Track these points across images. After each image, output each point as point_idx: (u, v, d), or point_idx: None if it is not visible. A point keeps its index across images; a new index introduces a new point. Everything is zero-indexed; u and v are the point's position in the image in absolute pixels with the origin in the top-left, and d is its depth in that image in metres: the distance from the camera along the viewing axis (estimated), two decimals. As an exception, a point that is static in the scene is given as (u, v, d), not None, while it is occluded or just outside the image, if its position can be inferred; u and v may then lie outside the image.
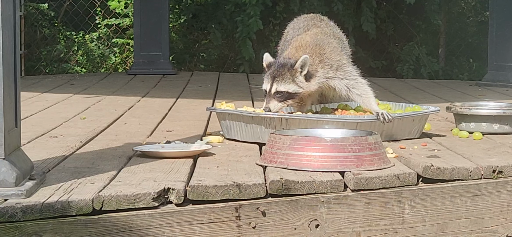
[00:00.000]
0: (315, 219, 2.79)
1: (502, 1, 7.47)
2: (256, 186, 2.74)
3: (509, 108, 4.05)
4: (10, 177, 2.60)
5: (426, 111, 3.90)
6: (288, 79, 3.83)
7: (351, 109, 4.08)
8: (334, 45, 4.01)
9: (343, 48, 4.14)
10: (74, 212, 2.53)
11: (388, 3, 10.39)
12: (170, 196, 2.66)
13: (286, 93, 3.83)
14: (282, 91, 3.82)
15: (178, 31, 10.79)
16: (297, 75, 3.83)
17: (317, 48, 3.93)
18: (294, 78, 3.84)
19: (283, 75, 3.82)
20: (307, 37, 4.01)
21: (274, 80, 3.82)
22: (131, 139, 3.88)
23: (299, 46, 3.95)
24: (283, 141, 3.06)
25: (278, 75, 3.83)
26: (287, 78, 3.82)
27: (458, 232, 2.96)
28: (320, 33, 4.09)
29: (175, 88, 7.04)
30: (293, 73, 3.83)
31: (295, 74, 3.83)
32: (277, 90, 3.82)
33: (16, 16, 2.71)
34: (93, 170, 3.02)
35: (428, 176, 2.97)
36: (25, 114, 4.83)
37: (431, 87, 7.43)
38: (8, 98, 2.64)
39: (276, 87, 3.82)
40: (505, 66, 7.37)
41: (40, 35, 10.30)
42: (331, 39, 4.07)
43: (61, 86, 7.31)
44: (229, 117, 3.81)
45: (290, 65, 3.83)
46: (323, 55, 3.92)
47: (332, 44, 4.00)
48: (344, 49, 4.15)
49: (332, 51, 3.95)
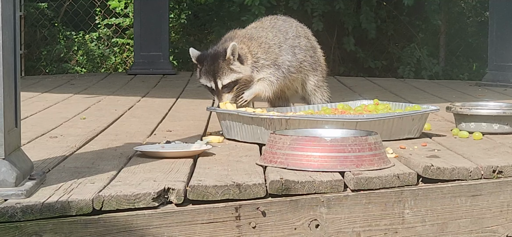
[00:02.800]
0: (315, 219, 2.79)
1: (502, 1, 7.46)
2: (256, 186, 2.74)
3: (509, 108, 4.05)
4: (10, 177, 2.60)
5: (426, 110, 3.90)
6: (226, 70, 3.92)
7: (351, 109, 4.08)
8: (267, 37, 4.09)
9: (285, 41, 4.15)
10: (74, 212, 2.53)
11: (388, 3, 10.39)
12: (170, 196, 2.66)
13: (231, 83, 3.94)
14: (227, 83, 3.92)
15: (178, 31, 10.79)
16: (232, 62, 3.93)
17: (245, 38, 4.05)
18: (231, 66, 3.93)
19: (221, 68, 3.92)
20: (239, 31, 4.16)
21: (216, 76, 3.92)
22: (131, 139, 3.88)
23: (228, 38, 4.08)
24: (283, 141, 3.06)
25: (217, 70, 3.92)
26: (225, 69, 3.92)
27: (458, 232, 2.96)
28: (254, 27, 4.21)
29: (175, 88, 7.04)
30: (228, 62, 3.92)
31: (230, 63, 3.93)
32: (223, 84, 3.92)
33: (16, 16, 2.71)
34: (93, 170, 3.02)
35: (428, 176, 2.97)
36: (25, 114, 4.83)
37: (431, 87, 7.43)
38: (8, 98, 2.64)
39: (221, 82, 3.92)
40: (505, 66, 7.37)
41: (40, 35, 10.30)
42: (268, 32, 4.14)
43: (61, 86, 7.31)
44: (229, 117, 3.81)
45: (222, 56, 3.93)
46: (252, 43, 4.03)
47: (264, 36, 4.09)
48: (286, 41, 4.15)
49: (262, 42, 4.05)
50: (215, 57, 3.94)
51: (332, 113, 3.95)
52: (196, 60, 4.00)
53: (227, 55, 3.91)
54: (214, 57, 3.95)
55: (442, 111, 4.21)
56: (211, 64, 3.94)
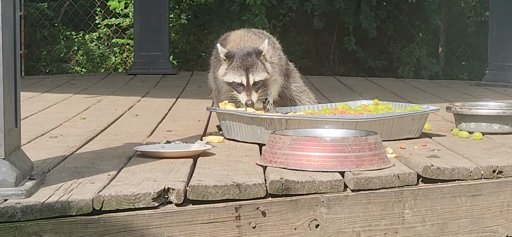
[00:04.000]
0: (315, 219, 2.79)
1: (502, 1, 7.46)
2: (256, 186, 2.74)
3: (509, 108, 4.05)
4: (10, 177, 2.60)
5: (426, 110, 3.90)
6: (260, 67, 3.82)
7: (351, 109, 4.08)
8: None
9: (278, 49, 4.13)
10: (74, 212, 2.53)
11: (388, 3, 10.39)
12: (170, 196, 2.66)
13: (260, 82, 3.83)
14: (258, 80, 3.81)
15: (178, 31, 10.79)
16: (264, 61, 3.84)
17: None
18: (264, 64, 3.84)
19: (255, 64, 3.80)
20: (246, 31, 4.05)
21: (249, 71, 3.80)
22: (131, 139, 3.88)
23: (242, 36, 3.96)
24: (283, 141, 3.06)
25: (251, 66, 3.80)
26: (259, 66, 3.82)
27: (458, 232, 2.96)
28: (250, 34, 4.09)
29: (175, 88, 7.04)
30: (262, 60, 3.83)
31: (264, 61, 3.84)
32: (255, 80, 3.80)
33: (16, 16, 2.72)
34: (93, 170, 3.02)
35: (428, 176, 2.97)
36: (25, 114, 4.83)
37: (431, 87, 7.43)
38: (8, 98, 2.64)
39: (253, 78, 3.80)
40: (505, 66, 7.37)
41: (40, 35, 10.30)
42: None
43: (61, 86, 7.31)
44: (229, 117, 3.81)
45: (257, 52, 3.82)
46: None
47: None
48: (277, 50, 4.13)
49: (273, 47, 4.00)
50: (249, 53, 3.82)
51: (332, 113, 3.95)
52: (225, 56, 3.85)
53: (264, 52, 3.82)
54: (249, 53, 3.82)
55: (442, 111, 4.21)
56: (244, 59, 3.81)
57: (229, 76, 3.84)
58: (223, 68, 3.87)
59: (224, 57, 3.84)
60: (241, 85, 3.81)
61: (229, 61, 3.84)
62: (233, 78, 3.82)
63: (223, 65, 3.87)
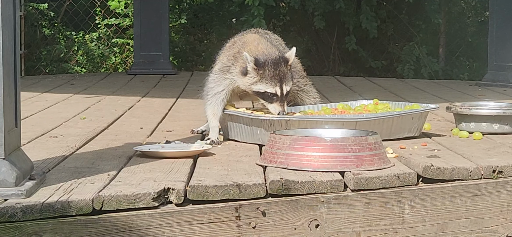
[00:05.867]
0: (315, 219, 2.79)
1: (502, 1, 7.46)
2: (256, 186, 2.74)
3: (509, 108, 4.05)
4: (10, 177, 2.60)
5: (425, 109, 3.90)
6: (289, 77, 3.76)
7: (351, 109, 4.08)
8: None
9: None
10: (74, 212, 2.53)
11: (388, 3, 10.39)
12: (170, 196, 2.66)
13: (289, 90, 3.77)
14: (288, 89, 3.74)
15: (178, 31, 10.79)
16: (290, 70, 3.78)
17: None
18: (291, 73, 3.79)
19: (286, 74, 3.73)
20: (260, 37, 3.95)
21: (282, 81, 3.71)
22: (131, 139, 3.89)
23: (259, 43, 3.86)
24: (283, 141, 3.06)
25: (283, 76, 3.72)
26: (289, 76, 3.75)
27: (458, 232, 2.96)
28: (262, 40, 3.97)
29: (175, 88, 7.04)
30: (291, 68, 3.78)
31: (292, 68, 3.80)
32: (287, 91, 3.73)
33: (16, 16, 2.72)
34: (93, 170, 3.02)
35: (428, 176, 2.97)
36: (25, 114, 4.83)
37: (431, 87, 7.43)
38: (8, 98, 2.64)
39: (286, 88, 3.72)
40: (505, 66, 7.37)
41: (40, 35, 10.30)
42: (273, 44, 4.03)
43: (61, 86, 7.31)
44: (229, 118, 3.81)
45: (285, 61, 3.75)
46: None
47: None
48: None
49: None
50: (278, 62, 3.72)
51: (332, 113, 3.95)
52: (255, 64, 3.70)
53: (290, 62, 3.75)
54: (277, 62, 3.72)
55: (442, 111, 4.20)
56: (275, 68, 3.71)
57: (260, 86, 3.72)
58: (252, 77, 3.74)
59: (254, 66, 3.72)
60: (274, 95, 3.72)
61: (260, 70, 3.72)
62: (266, 88, 3.71)
63: (251, 73, 3.73)
